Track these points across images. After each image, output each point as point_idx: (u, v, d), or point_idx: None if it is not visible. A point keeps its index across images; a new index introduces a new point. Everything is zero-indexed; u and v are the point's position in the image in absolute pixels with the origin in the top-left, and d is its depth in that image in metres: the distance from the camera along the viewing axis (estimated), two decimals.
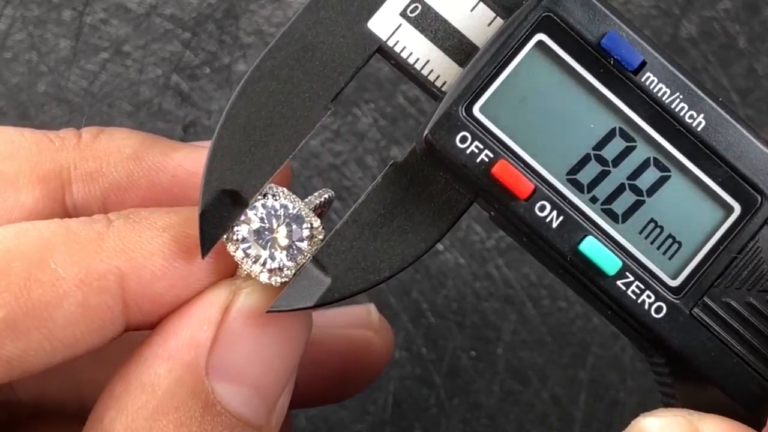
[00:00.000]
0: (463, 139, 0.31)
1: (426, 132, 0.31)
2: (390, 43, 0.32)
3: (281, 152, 0.32)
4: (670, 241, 0.31)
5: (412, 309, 0.50)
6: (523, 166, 0.31)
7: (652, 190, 0.31)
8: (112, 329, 0.31)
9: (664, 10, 0.51)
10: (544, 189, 0.31)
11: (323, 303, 0.31)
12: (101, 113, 0.51)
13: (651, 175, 0.31)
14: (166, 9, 0.51)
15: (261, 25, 0.51)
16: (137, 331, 0.31)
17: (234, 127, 0.31)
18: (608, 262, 0.31)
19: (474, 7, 0.32)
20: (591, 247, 0.31)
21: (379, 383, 0.49)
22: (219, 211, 0.31)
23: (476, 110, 0.31)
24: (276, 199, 0.32)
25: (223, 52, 0.51)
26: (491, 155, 0.31)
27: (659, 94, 0.31)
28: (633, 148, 0.31)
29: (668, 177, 0.31)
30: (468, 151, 0.31)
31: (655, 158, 0.31)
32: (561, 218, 0.31)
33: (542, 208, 0.31)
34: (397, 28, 0.32)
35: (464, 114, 0.31)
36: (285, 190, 0.32)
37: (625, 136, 0.31)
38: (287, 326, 0.31)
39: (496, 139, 0.31)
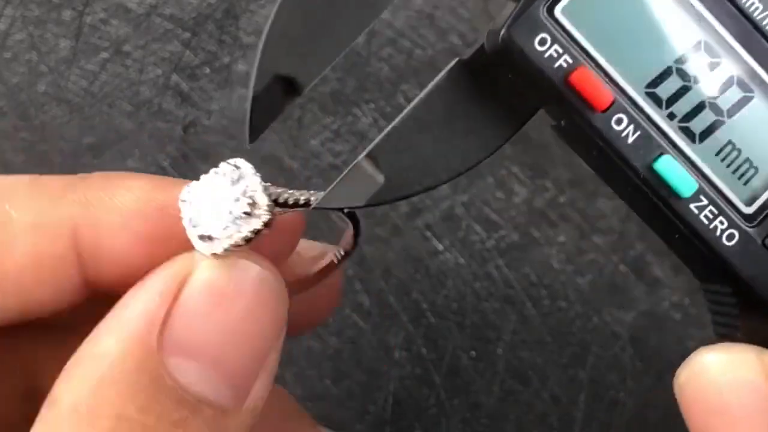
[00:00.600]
0: (543, 42, 0.29)
1: (503, 31, 0.29)
2: None
3: (342, 40, 0.29)
4: (747, 165, 0.30)
5: (412, 309, 0.50)
6: (603, 75, 0.29)
7: (733, 110, 0.30)
8: (69, 287, 0.30)
9: None
10: (622, 101, 0.29)
11: (375, 203, 0.30)
12: (101, 113, 0.51)
13: (733, 94, 0.30)
14: (166, 9, 0.51)
15: (261, 25, 0.51)
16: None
17: (291, 10, 0.29)
18: (684, 183, 0.29)
19: None
20: (667, 166, 0.29)
21: (379, 383, 0.49)
22: (271, 97, 0.29)
23: (558, 11, 0.29)
24: (234, 171, 0.30)
25: (223, 52, 0.51)
26: (570, 61, 0.29)
27: (751, 10, 0.30)
28: (717, 64, 0.30)
29: (751, 98, 0.30)
30: (546, 55, 0.29)
31: (739, 77, 0.30)
32: (638, 133, 0.29)
33: (619, 122, 0.29)
34: None
35: (545, 14, 0.29)
36: (251, 167, 0.30)
37: (710, 50, 0.30)
38: (253, 301, 0.29)
39: (577, 44, 0.29)
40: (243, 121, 0.29)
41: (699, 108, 0.30)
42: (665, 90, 0.30)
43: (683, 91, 0.30)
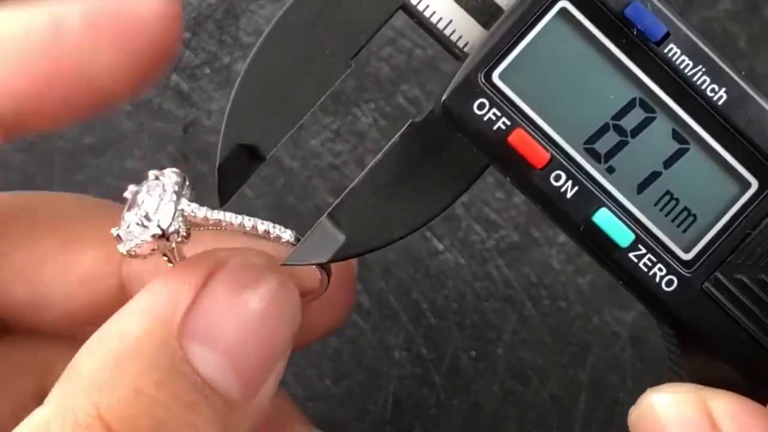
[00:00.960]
0: (481, 106, 0.31)
1: (444, 97, 0.31)
2: (413, 1, 0.31)
3: (300, 108, 0.31)
4: (685, 213, 0.31)
5: (412, 309, 0.50)
6: (540, 134, 0.31)
7: (670, 162, 0.31)
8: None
9: None
10: (560, 158, 0.31)
11: (337, 258, 0.31)
12: (101, 113, 0.51)
13: (669, 146, 0.31)
14: None
15: (261, 25, 0.51)
16: None
17: (254, 81, 0.31)
18: (621, 234, 0.31)
19: None
20: (605, 218, 0.31)
21: (379, 383, 0.49)
22: (236, 165, 0.31)
23: (496, 77, 0.31)
24: (155, 182, 0.31)
25: (223, 52, 0.51)
26: (508, 123, 0.31)
27: (681, 67, 0.31)
28: (652, 119, 0.31)
29: (687, 149, 0.31)
30: (485, 118, 0.31)
31: (674, 130, 0.31)
32: (576, 188, 0.31)
33: (557, 178, 0.31)
34: None
35: (483, 80, 0.31)
36: (174, 182, 0.31)
37: (645, 106, 0.31)
38: (271, 307, 0.31)
39: (514, 107, 0.31)
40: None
41: (636, 161, 0.31)
42: (603, 145, 0.31)
43: (621, 145, 0.31)
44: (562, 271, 0.50)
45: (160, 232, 0.30)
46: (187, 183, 0.32)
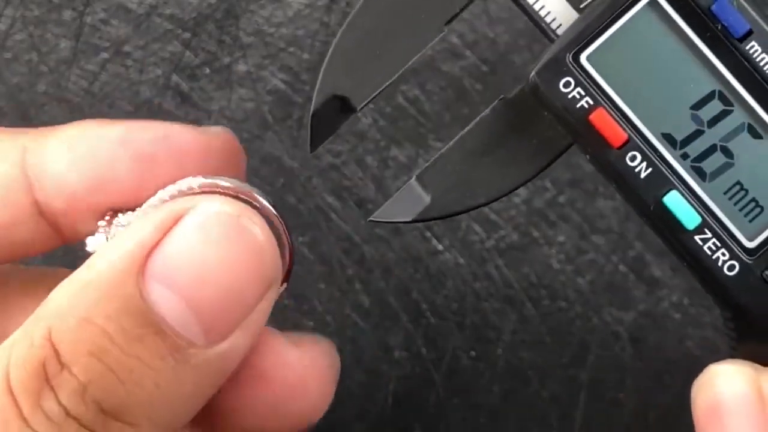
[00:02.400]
0: (567, 84, 0.32)
1: (533, 73, 0.33)
2: None
3: (393, 66, 0.33)
4: (752, 204, 0.33)
5: (412, 309, 0.50)
6: (620, 116, 0.32)
7: (743, 154, 0.33)
8: (21, 210, 0.34)
9: None
10: (637, 140, 0.32)
11: (420, 219, 0.34)
12: (101, 113, 0.51)
13: (743, 139, 0.33)
14: (166, 9, 0.51)
15: (261, 25, 0.51)
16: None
17: (352, 35, 0.33)
18: (688, 216, 0.32)
19: None
20: (674, 200, 0.32)
21: (379, 383, 0.49)
22: (329, 113, 0.33)
23: (583, 58, 0.32)
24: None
25: (223, 52, 0.51)
26: (591, 102, 0.32)
27: (762, 64, 0.32)
28: (729, 111, 0.32)
29: (760, 143, 0.32)
30: (569, 96, 0.32)
31: (749, 124, 0.32)
32: (650, 170, 0.32)
33: (633, 158, 0.32)
34: None
35: (571, 60, 0.32)
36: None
37: (723, 99, 0.33)
38: (238, 256, 0.31)
39: (598, 88, 0.32)
40: (307, 129, 0.34)
41: (711, 150, 0.33)
42: (680, 132, 0.33)
43: (697, 134, 0.33)
44: (562, 271, 0.50)
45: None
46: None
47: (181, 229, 0.31)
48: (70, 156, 0.34)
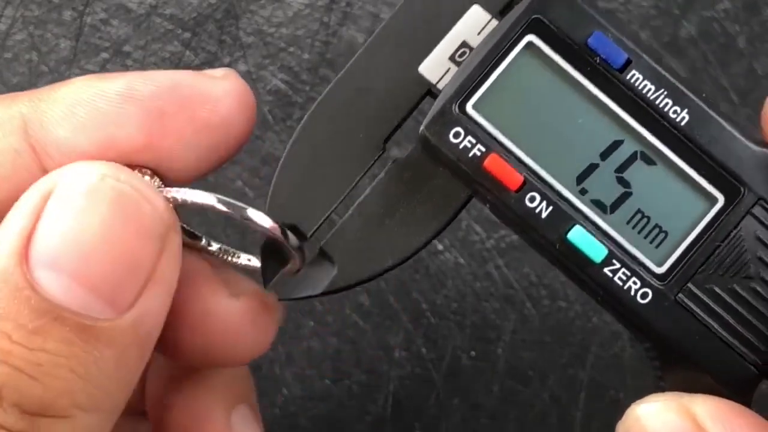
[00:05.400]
0: (457, 135, 0.32)
1: (422, 128, 0.32)
2: (440, 86, 0.33)
3: (337, 190, 0.33)
4: (656, 230, 0.32)
5: (412, 309, 0.50)
6: (514, 159, 0.32)
7: (639, 182, 0.33)
8: (27, 176, 0.32)
9: (664, 10, 0.51)
10: (533, 181, 0.32)
11: (329, 291, 0.33)
12: None
13: (638, 167, 0.32)
14: (166, 9, 0.51)
15: (261, 25, 0.51)
16: None
17: (293, 166, 0.33)
18: (594, 249, 0.32)
19: None
20: (578, 235, 0.32)
21: (379, 383, 0.49)
22: (279, 243, 0.33)
23: (469, 107, 0.32)
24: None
25: (223, 52, 0.51)
26: (483, 149, 0.32)
27: (644, 91, 0.32)
28: (621, 142, 0.32)
29: (654, 169, 0.32)
30: (461, 146, 0.32)
31: (641, 152, 0.32)
32: (550, 208, 0.32)
33: (532, 199, 0.32)
34: (446, 72, 0.33)
35: (458, 110, 0.32)
36: None
37: (613, 131, 0.33)
38: (111, 216, 0.30)
39: (488, 134, 0.32)
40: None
41: (608, 182, 0.33)
42: (575, 168, 0.33)
43: (591, 168, 0.33)
44: None
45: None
46: None
47: (51, 207, 0.30)
48: (73, 120, 0.32)
